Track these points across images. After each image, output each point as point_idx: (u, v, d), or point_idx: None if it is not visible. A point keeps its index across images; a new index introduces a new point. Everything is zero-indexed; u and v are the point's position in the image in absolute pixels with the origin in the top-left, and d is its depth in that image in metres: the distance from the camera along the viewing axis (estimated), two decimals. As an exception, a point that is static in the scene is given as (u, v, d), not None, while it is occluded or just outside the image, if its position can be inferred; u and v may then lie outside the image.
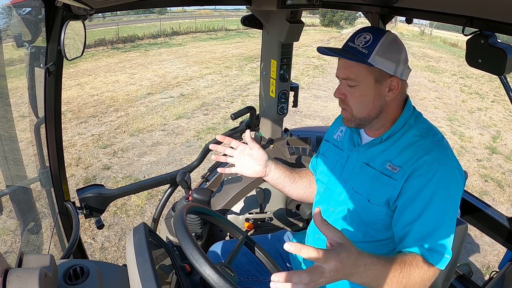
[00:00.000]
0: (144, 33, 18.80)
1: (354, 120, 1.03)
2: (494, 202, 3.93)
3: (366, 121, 1.02)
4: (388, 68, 0.96)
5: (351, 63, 0.96)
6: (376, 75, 0.97)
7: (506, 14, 0.92)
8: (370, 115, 1.01)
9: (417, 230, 0.90)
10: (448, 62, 15.96)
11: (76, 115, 6.21)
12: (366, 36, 0.97)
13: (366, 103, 0.99)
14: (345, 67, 0.99)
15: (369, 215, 1.01)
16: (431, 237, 0.89)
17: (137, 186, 1.70)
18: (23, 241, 1.31)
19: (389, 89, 0.99)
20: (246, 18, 1.69)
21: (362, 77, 0.97)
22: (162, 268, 1.00)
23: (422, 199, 0.91)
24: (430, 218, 0.90)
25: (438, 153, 0.94)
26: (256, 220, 1.76)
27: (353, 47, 0.98)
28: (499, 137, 6.22)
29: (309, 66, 12.20)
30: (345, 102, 1.02)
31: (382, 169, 1.00)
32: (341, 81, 1.02)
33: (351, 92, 1.00)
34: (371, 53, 0.94)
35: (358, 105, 1.00)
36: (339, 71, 1.01)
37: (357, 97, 0.99)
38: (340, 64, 1.01)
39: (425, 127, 1.03)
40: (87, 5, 0.97)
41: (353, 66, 0.96)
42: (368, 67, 0.95)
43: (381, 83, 0.97)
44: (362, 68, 0.96)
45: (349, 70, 0.97)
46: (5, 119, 1.20)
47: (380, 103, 1.00)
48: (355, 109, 1.01)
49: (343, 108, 1.04)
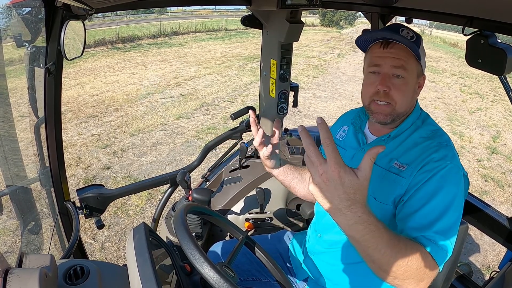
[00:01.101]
0: (144, 33, 18.82)
1: (393, 115, 0.99)
2: (494, 202, 3.93)
3: (401, 116, 1.01)
4: (424, 66, 1.00)
5: (404, 54, 0.95)
6: (418, 70, 0.99)
7: (506, 14, 0.92)
8: (406, 110, 1.01)
9: (417, 219, 0.89)
10: (448, 62, 15.98)
11: (76, 115, 6.21)
12: (409, 32, 0.97)
13: (409, 98, 0.99)
14: (400, 56, 0.95)
15: (374, 213, 1.01)
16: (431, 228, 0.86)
17: (137, 186, 1.70)
18: (23, 241, 1.31)
19: (418, 86, 1.02)
20: (246, 18, 1.69)
21: (412, 69, 0.97)
22: (162, 268, 1.00)
23: (426, 192, 0.91)
24: (432, 210, 0.88)
25: (445, 152, 0.95)
26: (256, 220, 1.76)
27: (403, 37, 0.95)
28: (499, 137, 6.23)
29: (309, 66, 12.19)
30: (389, 95, 0.97)
31: (389, 167, 0.99)
32: (386, 72, 0.97)
33: (397, 84, 0.96)
34: (419, 48, 0.95)
35: (403, 98, 0.97)
36: (387, 60, 0.96)
37: (404, 90, 0.97)
38: (390, 53, 0.96)
39: (432, 129, 1.03)
40: (87, 5, 0.97)
41: (407, 57, 0.95)
42: (416, 61, 0.96)
43: (418, 78, 1.00)
44: (413, 60, 0.96)
45: (402, 60, 0.95)
46: (5, 119, 1.20)
47: (414, 99, 1.02)
48: (399, 102, 0.97)
49: (382, 102, 0.98)
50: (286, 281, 1.09)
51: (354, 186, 0.66)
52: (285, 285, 1.08)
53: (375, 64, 0.99)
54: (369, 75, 1.01)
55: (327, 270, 1.16)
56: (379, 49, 0.98)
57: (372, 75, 1.00)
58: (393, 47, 0.96)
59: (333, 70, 11.64)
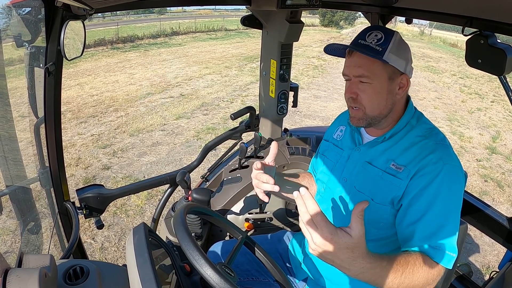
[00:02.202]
0: (144, 33, 18.81)
1: (366, 119, 1.01)
2: (494, 202, 3.93)
3: (377, 119, 1.02)
4: (400, 66, 0.97)
5: (366, 61, 0.96)
6: (389, 73, 0.97)
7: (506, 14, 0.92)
8: (382, 113, 1.01)
9: (422, 229, 0.91)
10: (448, 62, 15.96)
11: (76, 115, 6.21)
12: (377, 34, 0.97)
13: (380, 101, 0.99)
14: (359, 64, 0.97)
15: (372, 214, 1.01)
16: (436, 236, 0.89)
17: (137, 186, 1.70)
18: (23, 241, 1.31)
19: (399, 87, 1.00)
20: (246, 18, 1.69)
21: (377, 75, 0.97)
22: (162, 268, 1.00)
23: (426, 197, 0.92)
24: (435, 217, 0.90)
25: (442, 152, 0.95)
26: (256, 220, 1.76)
27: (365, 44, 0.96)
28: (498, 137, 6.23)
29: (308, 66, 12.19)
30: (357, 101, 1.00)
31: (386, 168, 1.00)
32: (352, 80, 1.00)
33: (364, 90, 0.98)
34: (385, 51, 0.95)
35: (371, 103, 0.99)
36: (350, 69, 0.99)
37: (371, 95, 0.98)
38: (352, 62, 0.99)
39: (427, 127, 1.04)
40: (87, 5, 0.97)
41: (368, 63, 0.96)
42: (383, 64, 0.96)
43: (393, 80, 0.99)
44: (377, 65, 0.96)
45: (363, 68, 0.96)
46: (5, 119, 1.20)
47: (391, 101, 1.01)
48: (368, 107, 0.99)
49: (354, 107, 1.02)
50: (285, 281, 1.09)
51: (350, 246, 0.73)
52: (284, 285, 1.08)
53: (344, 73, 1.03)
54: (345, 83, 1.05)
55: (327, 270, 1.16)
56: (347, 57, 1.01)
57: (346, 82, 1.04)
58: (355, 55, 0.98)
59: (333, 70, 11.63)
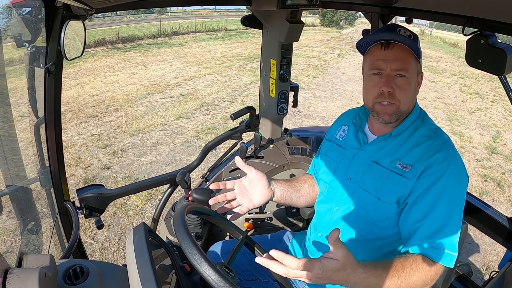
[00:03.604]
0: (144, 33, 18.81)
1: (397, 114, 1.00)
2: (494, 202, 3.93)
3: (404, 115, 1.02)
4: (421, 64, 1.01)
5: (406, 55, 0.96)
6: (418, 69, 1.00)
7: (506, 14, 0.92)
8: (409, 108, 1.02)
9: (425, 227, 0.91)
10: (448, 62, 15.96)
11: (76, 115, 6.21)
12: (406, 31, 0.98)
13: (412, 96, 1.01)
14: (400, 58, 0.96)
15: (378, 213, 1.01)
16: (438, 234, 0.90)
17: (137, 186, 1.70)
18: (23, 241, 1.31)
19: (418, 84, 1.03)
20: (246, 18, 1.69)
21: (413, 70, 0.98)
22: (162, 268, 1.00)
23: (431, 196, 0.92)
24: (439, 216, 0.91)
25: (447, 152, 0.96)
26: (256, 220, 1.76)
27: (403, 37, 0.96)
28: (498, 137, 6.23)
29: (309, 66, 12.19)
30: (393, 96, 0.97)
31: (392, 168, 1.00)
32: (388, 73, 0.97)
33: (400, 84, 0.97)
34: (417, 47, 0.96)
35: (406, 97, 0.99)
36: (388, 63, 0.97)
37: (407, 90, 0.98)
38: (391, 55, 0.97)
39: (432, 128, 1.05)
40: (87, 5, 0.97)
41: (408, 57, 0.96)
42: (416, 60, 0.98)
43: (418, 76, 1.01)
44: (413, 60, 0.97)
45: (404, 62, 0.96)
46: (5, 119, 1.20)
47: (415, 97, 1.03)
48: (403, 101, 0.98)
49: (386, 102, 0.98)
50: (285, 281, 1.09)
51: (339, 267, 0.77)
52: (284, 285, 1.08)
53: (377, 67, 0.99)
54: (371, 77, 1.01)
55: (327, 270, 1.15)
56: (380, 50, 0.98)
57: (375, 76, 1.00)
58: (393, 48, 0.96)
59: (333, 70, 11.64)
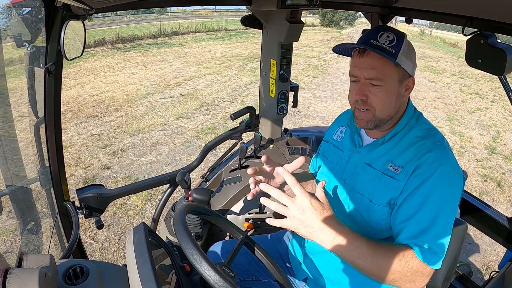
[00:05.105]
0: (144, 33, 18.79)
1: (374, 121, 1.00)
2: (494, 202, 3.93)
3: (384, 121, 1.01)
4: (409, 68, 0.97)
5: (379, 62, 0.94)
6: (400, 75, 0.97)
7: (506, 14, 0.92)
8: (390, 115, 1.00)
9: (411, 227, 0.91)
10: (448, 62, 15.95)
11: (76, 115, 6.21)
12: (389, 35, 0.95)
13: (390, 104, 0.98)
14: (372, 66, 0.95)
15: (371, 215, 1.01)
16: (424, 235, 0.89)
17: (137, 186, 1.70)
18: (23, 241, 1.31)
19: (406, 89, 1.00)
20: (246, 18, 1.69)
21: (389, 77, 0.95)
22: (162, 268, 1.00)
23: (419, 197, 0.92)
24: (426, 216, 0.90)
25: (438, 153, 0.95)
26: (256, 220, 1.76)
27: (379, 45, 0.94)
28: (498, 137, 6.23)
29: (309, 66, 12.19)
30: (367, 103, 0.98)
31: (384, 170, 1.00)
32: (362, 81, 0.98)
33: (375, 92, 0.96)
34: (398, 53, 0.94)
35: (382, 105, 0.98)
36: (362, 71, 0.97)
37: (382, 98, 0.97)
38: (364, 63, 0.96)
39: (426, 127, 1.03)
40: (87, 5, 0.97)
41: (382, 65, 0.94)
42: (395, 67, 0.95)
43: (402, 83, 0.98)
44: (390, 67, 0.95)
45: (377, 70, 0.94)
46: (5, 119, 1.20)
47: (399, 103, 1.00)
48: (378, 109, 0.98)
49: (363, 109, 0.99)
50: (285, 281, 1.09)
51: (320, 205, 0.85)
52: (284, 285, 1.08)
53: (353, 74, 1.00)
54: (351, 83, 1.03)
55: (327, 270, 1.16)
56: (356, 57, 0.98)
57: (353, 83, 1.02)
58: (368, 55, 0.96)
59: (333, 70, 11.63)
